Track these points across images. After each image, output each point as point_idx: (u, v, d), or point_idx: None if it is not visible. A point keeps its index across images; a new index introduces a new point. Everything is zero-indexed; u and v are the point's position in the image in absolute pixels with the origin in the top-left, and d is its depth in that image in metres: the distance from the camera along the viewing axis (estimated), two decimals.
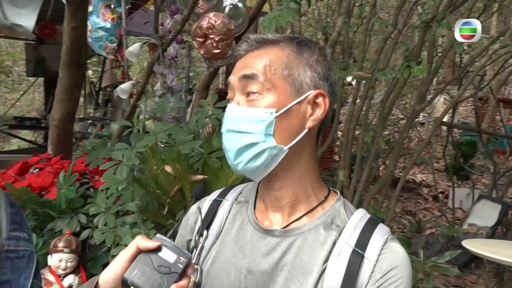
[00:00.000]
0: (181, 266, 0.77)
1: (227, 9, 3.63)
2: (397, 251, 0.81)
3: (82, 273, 2.28)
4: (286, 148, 0.83)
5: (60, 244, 2.23)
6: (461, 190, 5.55)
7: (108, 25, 6.02)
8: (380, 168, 4.68)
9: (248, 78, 0.83)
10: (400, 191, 2.61)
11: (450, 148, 5.72)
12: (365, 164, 2.94)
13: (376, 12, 2.52)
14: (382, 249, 0.79)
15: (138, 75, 10.18)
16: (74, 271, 2.25)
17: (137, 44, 3.95)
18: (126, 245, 2.04)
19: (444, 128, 8.82)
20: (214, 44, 3.07)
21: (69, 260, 2.21)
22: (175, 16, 3.84)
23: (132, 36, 7.50)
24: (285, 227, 0.86)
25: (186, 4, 3.52)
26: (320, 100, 0.85)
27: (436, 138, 8.27)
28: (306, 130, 0.84)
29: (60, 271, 2.19)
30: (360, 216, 0.85)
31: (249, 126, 0.82)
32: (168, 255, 0.77)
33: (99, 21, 5.94)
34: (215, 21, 3.05)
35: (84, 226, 2.41)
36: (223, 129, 0.86)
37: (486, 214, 4.13)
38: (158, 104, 2.56)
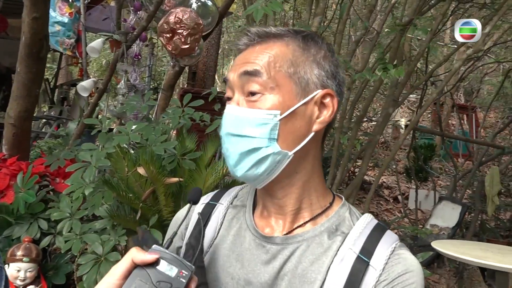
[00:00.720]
0: (183, 281, 0.67)
1: (194, 5, 3.54)
2: (407, 258, 0.75)
3: (43, 283, 2.12)
4: (291, 153, 0.76)
5: (19, 253, 2.07)
6: (419, 191, 5.71)
7: (66, 20, 5.74)
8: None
9: (250, 75, 0.76)
10: (372, 194, 2.61)
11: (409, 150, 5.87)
12: (336, 167, 2.93)
13: (358, 15, 2.51)
14: (389, 258, 0.74)
15: (96, 72, 9.81)
16: (34, 281, 2.09)
17: (99, 40, 3.77)
18: (93, 253, 1.91)
19: (401, 131, 9.10)
20: (183, 39, 2.96)
21: (29, 270, 2.06)
22: (138, 12, 3.71)
23: (90, 33, 7.21)
24: (286, 233, 0.80)
25: (151, 0, 3.40)
26: (327, 100, 0.78)
27: (394, 141, 8.51)
28: (312, 134, 0.77)
29: (19, 282, 2.03)
30: (367, 222, 0.80)
31: (251, 130, 0.74)
32: (168, 268, 0.68)
33: (55, 15, 5.66)
34: (183, 16, 2.94)
35: (44, 232, 2.25)
36: (222, 132, 0.78)
37: (447, 215, 4.26)
38: (127, 102, 2.42)
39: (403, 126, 8.96)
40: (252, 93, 0.76)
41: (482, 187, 4.57)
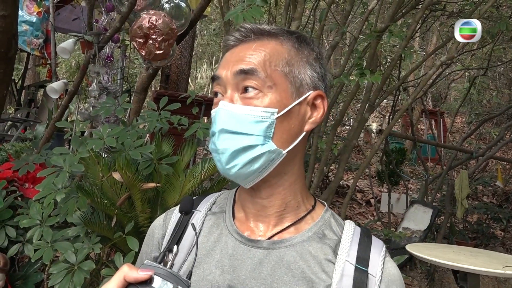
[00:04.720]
0: None
1: (166, 6, 3.48)
2: (395, 266, 0.79)
3: None
4: (284, 152, 0.76)
5: None
6: (391, 195, 5.80)
7: (34, 19, 5.57)
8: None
9: (246, 73, 0.75)
10: (349, 199, 2.62)
11: (380, 154, 5.96)
12: (312, 171, 2.93)
13: (336, 21, 2.51)
14: (383, 265, 0.77)
15: (65, 74, 9.53)
16: None
17: (70, 41, 3.65)
18: (66, 262, 1.83)
19: (372, 135, 9.26)
20: (157, 45, 2.91)
21: None
22: (111, 13, 3.63)
23: (59, 33, 7.01)
24: (270, 237, 0.78)
25: (121, 1, 3.33)
26: (319, 101, 0.80)
27: (366, 145, 8.64)
28: (304, 134, 0.79)
29: None
30: (352, 229, 0.81)
31: (248, 127, 0.74)
32: (162, 285, 0.64)
33: (23, 14, 5.48)
34: (156, 21, 2.89)
35: (12, 240, 2.14)
36: (215, 129, 0.76)
37: (419, 218, 4.34)
38: (101, 104, 2.34)
39: (374, 130, 9.12)
40: (249, 89, 0.75)
41: (452, 190, 4.69)
